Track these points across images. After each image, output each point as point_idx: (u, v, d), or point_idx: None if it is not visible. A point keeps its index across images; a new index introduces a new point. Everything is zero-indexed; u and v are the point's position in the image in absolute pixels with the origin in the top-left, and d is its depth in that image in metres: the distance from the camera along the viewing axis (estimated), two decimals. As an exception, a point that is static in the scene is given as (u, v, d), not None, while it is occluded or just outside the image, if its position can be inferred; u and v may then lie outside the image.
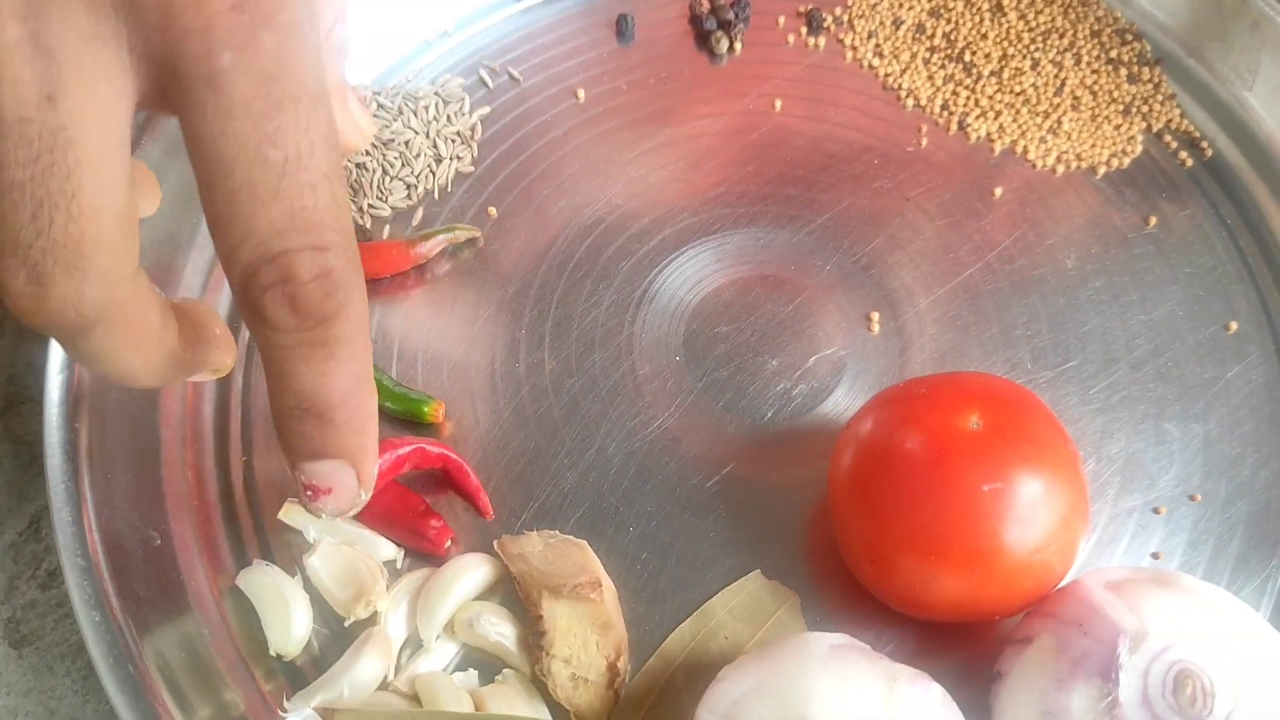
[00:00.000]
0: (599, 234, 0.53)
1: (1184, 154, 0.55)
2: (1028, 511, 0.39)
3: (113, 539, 0.42)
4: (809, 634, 0.40)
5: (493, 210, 0.54)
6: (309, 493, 0.32)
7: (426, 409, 0.48)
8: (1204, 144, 0.56)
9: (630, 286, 0.52)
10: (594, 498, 0.47)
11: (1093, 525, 0.47)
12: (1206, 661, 0.37)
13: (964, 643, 0.43)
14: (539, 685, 0.41)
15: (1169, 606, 0.38)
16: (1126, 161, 0.55)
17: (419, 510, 0.45)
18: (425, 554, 0.45)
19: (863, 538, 0.41)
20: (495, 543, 0.45)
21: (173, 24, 0.26)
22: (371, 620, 0.42)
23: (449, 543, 0.45)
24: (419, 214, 0.54)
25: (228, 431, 0.48)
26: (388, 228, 0.54)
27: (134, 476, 0.45)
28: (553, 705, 0.41)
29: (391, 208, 0.54)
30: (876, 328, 0.51)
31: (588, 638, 0.40)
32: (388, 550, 0.44)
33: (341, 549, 0.42)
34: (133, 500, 0.44)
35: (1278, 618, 0.45)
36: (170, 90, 0.26)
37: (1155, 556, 0.46)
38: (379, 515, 0.45)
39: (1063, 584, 0.41)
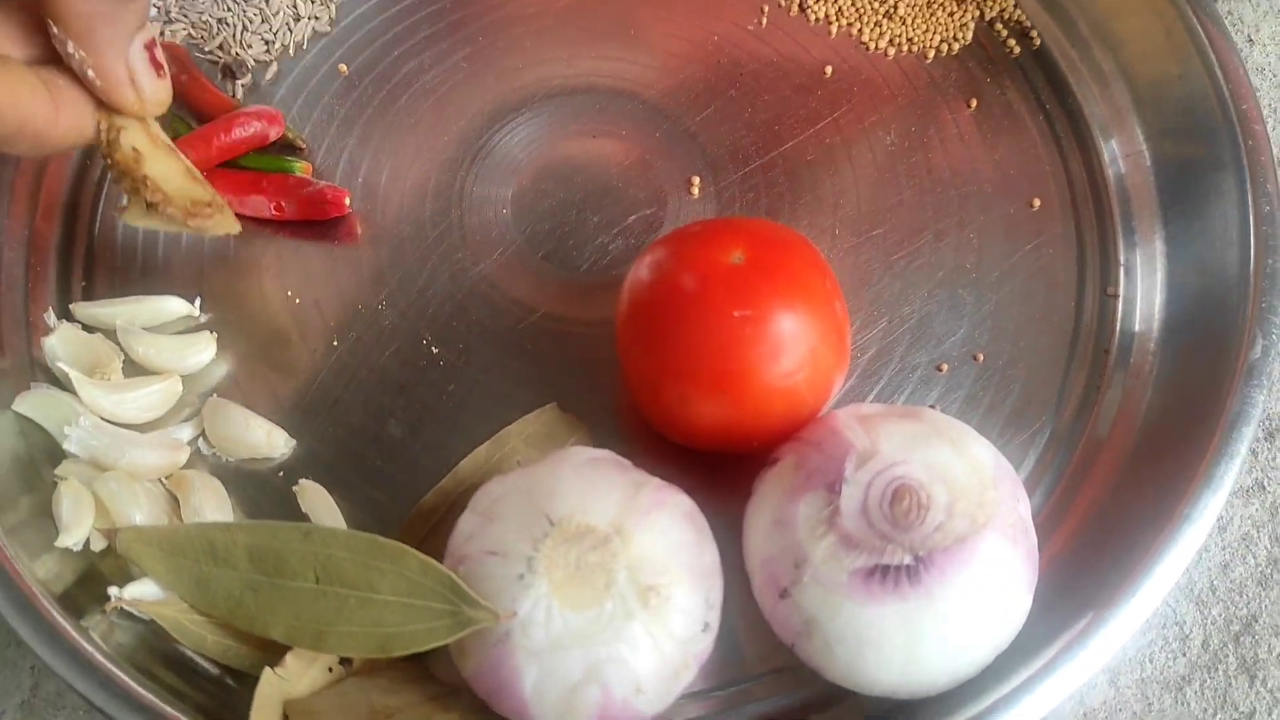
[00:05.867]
0: (443, 93, 0.56)
1: (1013, 42, 0.57)
2: (775, 338, 0.41)
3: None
4: (574, 448, 0.43)
5: (343, 68, 0.56)
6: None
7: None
8: (1034, 33, 0.58)
9: (467, 143, 0.54)
10: (410, 334, 0.50)
11: (878, 380, 0.50)
12: (927, 479, 0.40)
13: (737, 475, 0.46)
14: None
15: (904, 432, 0.41)
16: (957, 47, 0.57)
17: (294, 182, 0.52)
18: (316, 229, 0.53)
19: (636, 366, 0.44)
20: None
21: None
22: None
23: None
24: (273, 68, 0.56)
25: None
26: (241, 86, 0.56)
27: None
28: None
29: (254, 60, 0.56)
30: (696, 191, 0.53)
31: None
32: (177, 306, 0.50)
33: (78, 332, 0.47)
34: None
35: (1039, 466, 0.48)
36: None
37: (932, 408, 0.49)
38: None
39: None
